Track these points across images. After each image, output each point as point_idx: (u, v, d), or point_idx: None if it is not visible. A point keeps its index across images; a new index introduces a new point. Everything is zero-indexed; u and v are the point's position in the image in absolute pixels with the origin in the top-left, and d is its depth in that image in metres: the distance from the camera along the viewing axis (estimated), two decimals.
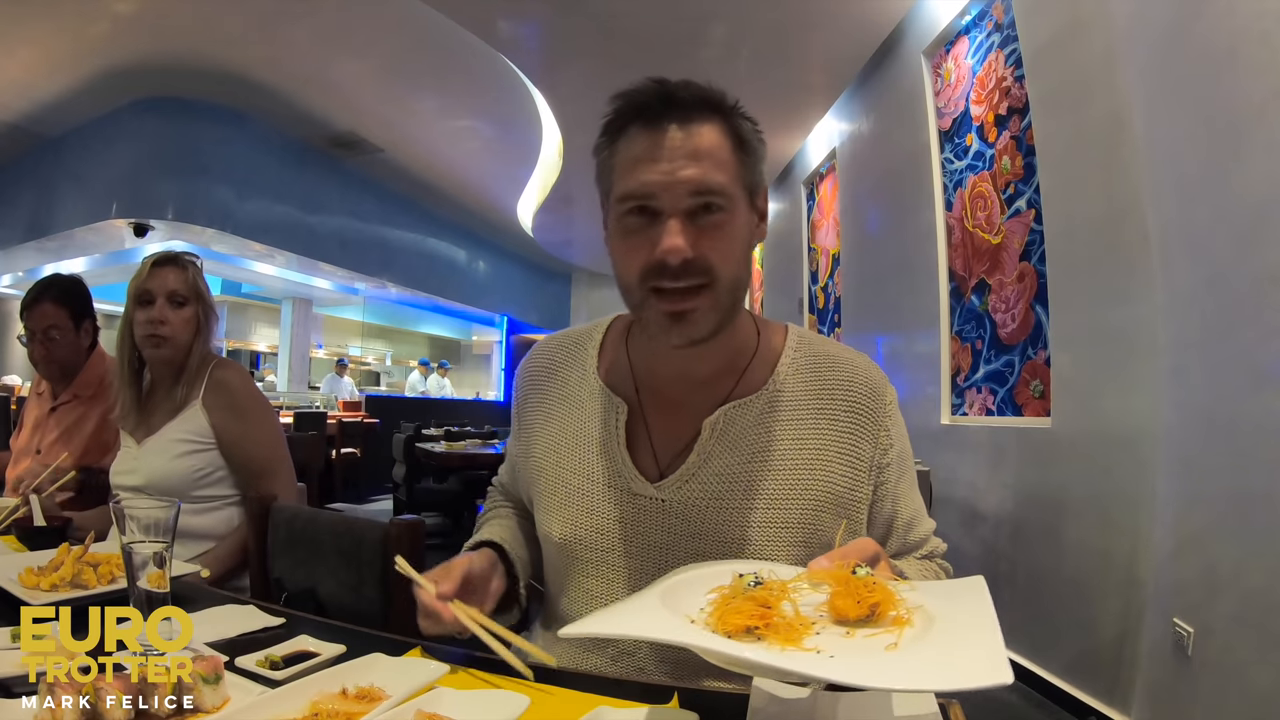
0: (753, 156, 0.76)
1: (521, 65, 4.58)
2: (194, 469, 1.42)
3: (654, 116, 0.72)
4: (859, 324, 4.37)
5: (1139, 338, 2.11)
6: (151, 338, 1.43)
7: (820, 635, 0.51)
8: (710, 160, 0.71)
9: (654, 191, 0.71)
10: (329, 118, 6.01)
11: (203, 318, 1.50)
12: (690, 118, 0.72)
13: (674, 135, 0.71)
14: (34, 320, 1.76)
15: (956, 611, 0.53)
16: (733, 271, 0.74)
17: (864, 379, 0.82)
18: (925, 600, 0.55)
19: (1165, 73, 1.97)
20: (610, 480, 0.81)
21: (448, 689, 0.60)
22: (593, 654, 0.80)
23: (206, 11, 4.41)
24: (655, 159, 0.71)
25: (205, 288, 1.53)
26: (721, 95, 0.75)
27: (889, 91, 3.86)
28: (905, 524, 0.83)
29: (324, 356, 11.48)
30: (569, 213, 7.60)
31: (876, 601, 0.53)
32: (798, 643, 0.49)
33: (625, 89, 0.75)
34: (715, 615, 0.53)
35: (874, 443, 0.80)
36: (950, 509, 3.02)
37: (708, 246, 0.71)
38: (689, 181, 0.71)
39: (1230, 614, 1.69)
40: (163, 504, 0.74)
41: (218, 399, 1.46)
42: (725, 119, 0.74)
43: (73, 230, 6.06)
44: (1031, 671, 2.48)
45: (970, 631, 0.50)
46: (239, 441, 1.45)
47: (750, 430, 0.79)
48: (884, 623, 0.52)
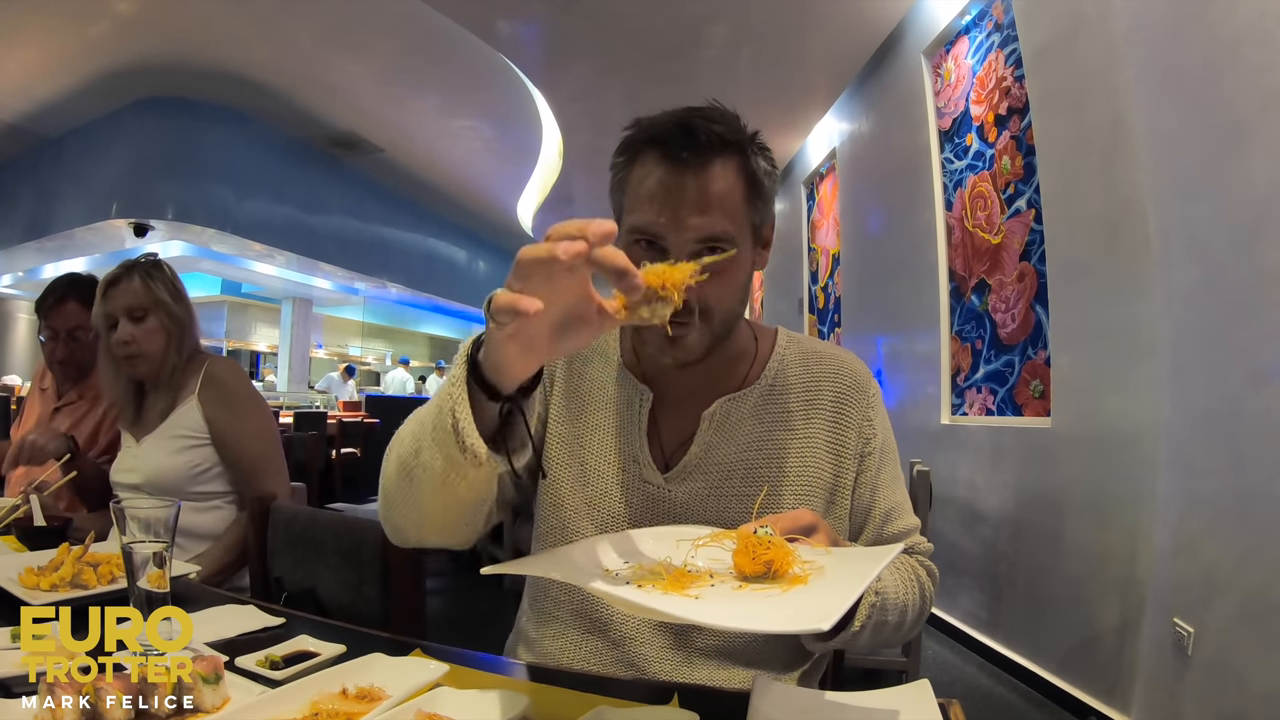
0: (763, 198, 0.77)
1: (521, 65, 4.58)
2: (191, 464, 1.42)
3: (673, 149, 0.72)
4: (859, 324, 4.37)
5: (1139, 338, 2.11)
6: (126, 359, 1.44)
7: (714, 586, 0.56)
8: (720, 208, 0.73)
9: (662, 233, 0.73)
10: (329, 118, 6.01)
11: (170, 323, 1.46)
12: (708, 160, 0.72)
13: (689, 177, 0.72)
14: (58, 320, 1.73)
15: (840, 572, 0.56)
16: (729, 307, 0.77)
17: (849, 372, 0.86)
18: (828, 563, 0.58)
19: (1165, 73, 1.97)
20: (625, 465, 0.83)
21: (448, 689, 0.60)
22: (591, 637, 0.81)
23: (207, 11, 4.42)
24: (667, 201, 0.72)
25: (168, 291, 1.47)
26: (741, 130, 0.76)
27: (889, 91, 3.86)
28: (882, 515, 0.84)
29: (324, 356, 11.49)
30: (569, 213, 7.58)
31: (771, 559, 0.56)
32: (682, 589, 0.54)
33: (647, 118, 0.76)
34: (634, 568, 0.59)
35: (858, 432, 0.84)
36: (950, 509, 3.02)
37: (708, 290, 0.72)
38: (697, 229, 0.72)
39: (1230, 614, 1.69)
40: (162, 503, 0.73)
41: (212, 393, 1.46)
42: (742, 158, 0.75)
43: (73, 230, 6.07)
44: (1031, 671, 2.49)
45: (831, 589, 0.53)
46: (232, 436, 1.45)
47: (746, 421, 0.83)
48: (784, 580, 0.56)
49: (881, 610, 0.73)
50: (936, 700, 0.59)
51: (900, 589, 0.77)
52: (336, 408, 7.66)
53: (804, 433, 0.83)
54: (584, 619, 0.82)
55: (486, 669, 0.70)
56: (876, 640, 0.76)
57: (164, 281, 1.49)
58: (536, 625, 0.86)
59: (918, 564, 0.84)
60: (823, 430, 0.83)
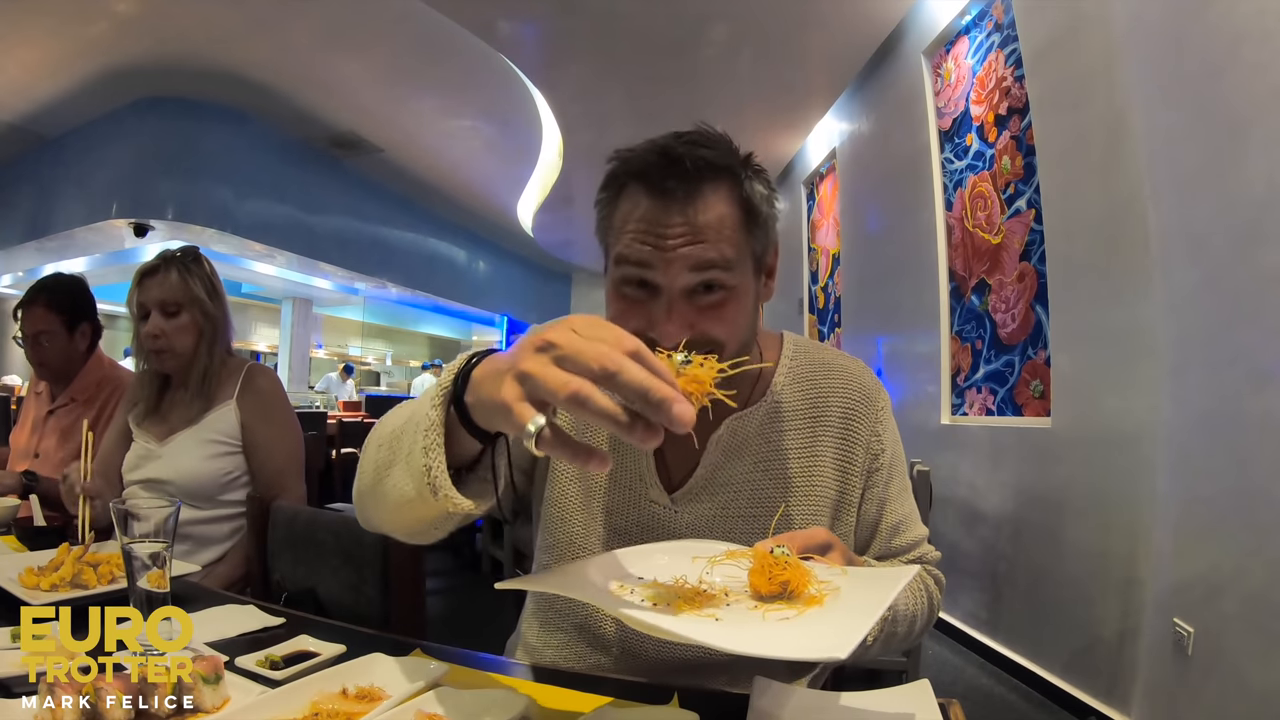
0: (762, 225, 0.71)
1: (521, 65, 4.58)
2: (223, 471, 1.41)
3: (657, 180, 0.68)
4: (859, 324, 4.37)
5: (1139, 338, 2.11)
6: (154, 352, 1.41)
7: (729, 607, 0.54)
8: (714, 237, 0.67)
9: (652, 264, 0.68)
10: (329, 118, 6.00)
11: (204, 321, 1.44)
12: (696, 189, 0.67)
13: (676, 206, 0.67)
14: (25, 323, 1.72)
15: (857, 594, 0.55)
16: (739, 338, 0.72)
17: (858, 384, 0.83)
18: (844, 584, 0.57)
19: (1165, 73, 1.97)
20: (631, 484, 0.81)
21: (448, 689, 0.60)
22: (596, 651, 0.80)
23: (207, 11, 4.41)
24: (654, 231, 0.67)
25: (204, 288, 1.44)
26: (733, 153, 0.71)
27: (889, 91, 3.86)
28: (890, 528, 0.83)
29: (324, 356, 11.48)
30: (569, 213, 7.59)
31: (787, 579, 0.55)
32: (698, 609, 0.53)
33: (627, 150, 0.71)
34: (650, 585, 0.58)
35: (866, 447, 0.82)
36: (950, 509, 3.02)
37: (709, 324, 0.69)
38: (687, 259, 0.67)
39: (1230, 614, 1.69)
40: (163, 503, 0.73)
41: (252, 400, 1.45)
42: (734, 183, 0.70)
43: (73, 230, 6.05)
44: (1031, 671, 2.49)
45: (847, 613, 0.52)
46: (263, 444, 1.45)
47: (753, 440, 0.80)
48: (800, 600, 0.55)
49: (892, 623, 0.74)
50: (936, 700, 0.59)
51: (910, 600, 0.77)
52: (336, 408, 7.67)
53: (811, 450, 0.81)
54: (588, 633, 0.81)
55: (486, 669, 0.69)
56: (885, 650, 0.76)
57: (201, 277, 1.45)
58: (539, 633, 0.85)
59: (925, 573, 0.84)
60: (830, 447, 0.81)
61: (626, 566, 0.64)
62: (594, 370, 0.45)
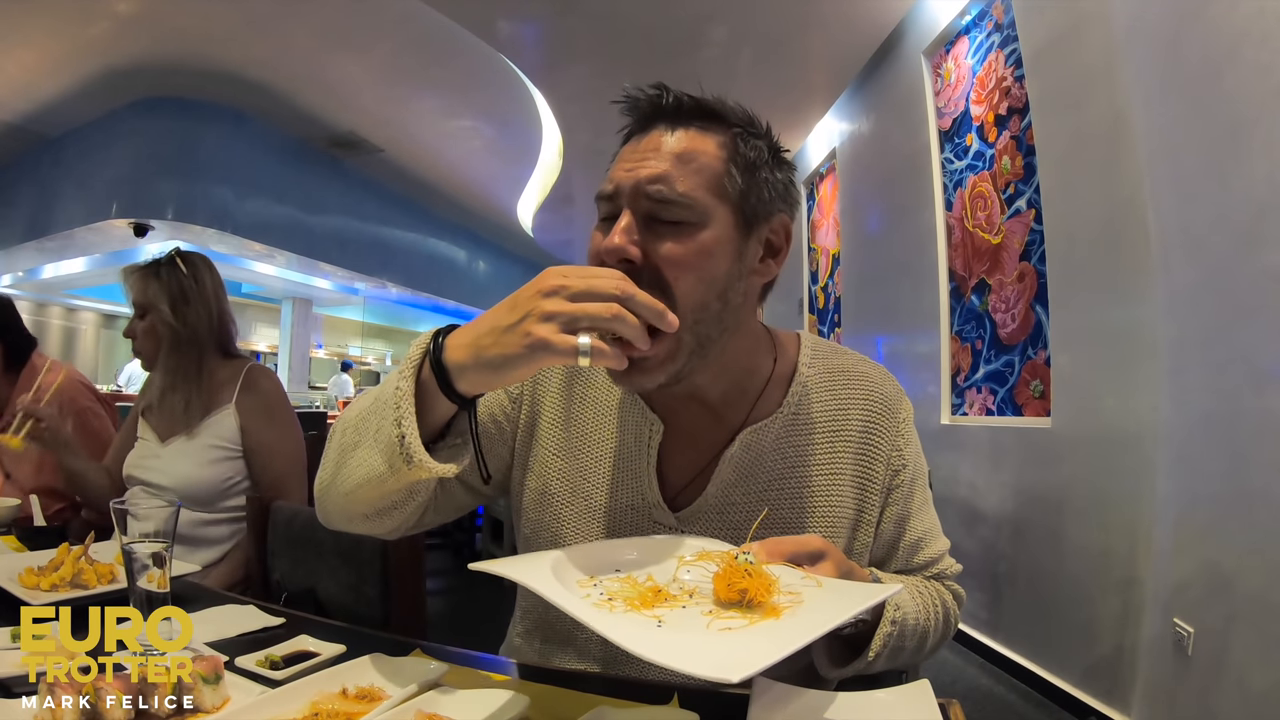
0: (755, 177, 0.67)
1: (521, 65, 4.58)
2: (223, 477, 1.41)
3: (646, 120, 0.69)
4: (859, 324, 4.37)
5: (1139, 338, 2.11)
6: (135, 351, 1.46)
7: (684, 609, 0.54)
8: (682, 163, 0.65)
9: (615, 188, 0.66)
10: (329, 118, 6.00)
11: (161, 327, 1.41)
12: (680, 122, 0.67)
13: (655, 136, 0.67)
14: None
15: (816, 610, 0.53)
16: (697, 293, 0.64)
17: (879, 395, 0.79)
18: (813, 596, 0.56)
19: (1165, 73, 1.97)
20: (632, 501, 0.76)
21: (448, 689, 0.60)
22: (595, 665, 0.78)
23: (206, 11, 4.41)
24: (628, 159, 0.67)
25: (168, 293, 1.40)
26: (733, 110, 0.69)
27: (889, 91, 3.86)
28: (910, 545, 0.80)
29: (324, 356, 11.48)
30: (569, 212, 7.59)
31: (745, 588, 0.54)
32: (649, 609, 0.54)
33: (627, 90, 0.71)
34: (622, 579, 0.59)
35: (886, 463, 0.78)
36: (950, 509, 3.02)
37: (662, 256, 0.63)
38: (646, 178, 0.64)
39: (1230, 614, 1.69)
40: (163, 504, 0.74)
41: (251, 402, 1.45)
42: (725, 132, 0.68)
43: (73, 230, 6.05)
44: (1031, 671, 2.49)
45: (791, 630, 0.50)
46: (264, 447, 1.44)
47: (767, 456, 0.75)
48: (759, 610, 0.53)
49: (899, 637, 0.70)
50: (936, 700, 0.59)
51: (920, 614, 0.73)
52: (336, 407, 7.68)
53: (828, 466, 0.75)
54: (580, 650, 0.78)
55: (486, 669, 0.69)
56: (893, 664, 0.72)
57: (168, 284, 1.42)
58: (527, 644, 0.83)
59: (943, 588, 0.81)
60: (849, 462, 0.76)
61: (605, 558, 0.63)
62: (616, 295, 0.55)
